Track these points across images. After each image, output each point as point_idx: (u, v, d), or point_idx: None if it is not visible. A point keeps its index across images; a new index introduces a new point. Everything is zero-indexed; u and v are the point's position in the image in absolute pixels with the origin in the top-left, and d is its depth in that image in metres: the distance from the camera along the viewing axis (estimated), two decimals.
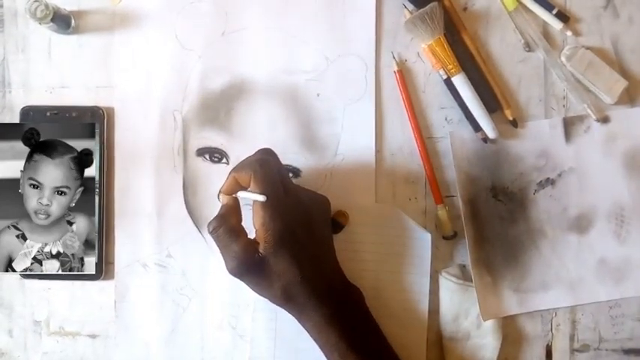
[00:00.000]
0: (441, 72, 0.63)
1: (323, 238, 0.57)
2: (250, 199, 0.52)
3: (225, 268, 0.53)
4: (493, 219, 0.63)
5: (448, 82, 0.63)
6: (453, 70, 0.62)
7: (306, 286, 0.53)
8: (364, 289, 0.59)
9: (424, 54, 0.63)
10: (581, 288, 0.63)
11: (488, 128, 0.62)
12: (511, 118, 0.63)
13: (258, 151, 0.57)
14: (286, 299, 0.54)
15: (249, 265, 0.52)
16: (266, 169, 0.53)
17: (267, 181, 0.52)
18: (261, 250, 0.52)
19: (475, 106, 0.62)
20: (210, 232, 0.54)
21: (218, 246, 0.54)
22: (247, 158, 0.55)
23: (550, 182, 0.63)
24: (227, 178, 0.54)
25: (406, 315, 0.62)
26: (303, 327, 0.55)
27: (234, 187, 0.54)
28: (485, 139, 0.63)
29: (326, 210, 0.58)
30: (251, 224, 0.53)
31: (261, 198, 0.51)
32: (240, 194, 0.54)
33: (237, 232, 0.54)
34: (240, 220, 0.55)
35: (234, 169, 0.54)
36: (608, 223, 0.63)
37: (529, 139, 0.63)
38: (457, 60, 0.62)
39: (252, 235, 0.54)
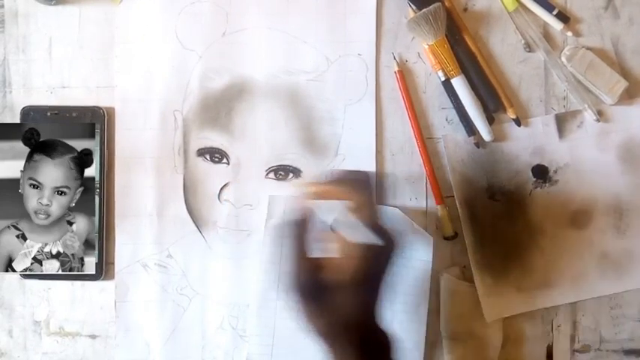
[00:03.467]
0: (440, 73, 0.63)
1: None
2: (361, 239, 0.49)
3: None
4: (491, 219, 0.63)
5: (446, 84, 0.63)
6: (452, 72, 0.62)
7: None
8: None
9: (425, 54, 0.63)
10: (583, 283, 0.63)
11: (485, 131, 0.62)
12: (514, 117, 0.63)
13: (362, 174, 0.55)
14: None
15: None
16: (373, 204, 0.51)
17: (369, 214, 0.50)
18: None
19: (472, 109, 0.62)
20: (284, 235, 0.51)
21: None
22: (357, 176, 0.54)
23: (547, 179, 0.63)
24: (320, 183, 0.52)
25: (406, 317, 0.62)
26: None
27: (326, 196, 0.51)
28: (478, 144, 0.63)
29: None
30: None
31: (379, 242, 0.49)
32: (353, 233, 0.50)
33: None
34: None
35: (338, 181, 0.52)
36: (607, 217, 0.63)
37: (523, 137, 0.63)
38: (458, 61, 0.62)
39: None
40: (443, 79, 0.62)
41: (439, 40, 0.61)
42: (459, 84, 0.62)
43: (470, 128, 0.63)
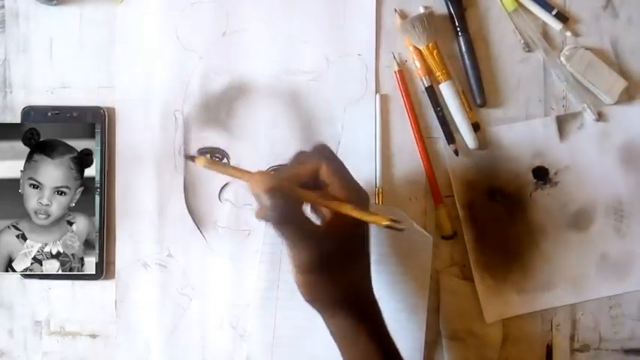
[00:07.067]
0: (425, 79, 0.63)
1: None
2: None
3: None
4: (492, 221, 0.63)
5: (430, 90, 0.63)
6: (441, 77, 0.62)
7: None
8: None
9: (413, 58, 0.63)
10: (584, 285, 0.63)
11: (469, 138, 0.62)
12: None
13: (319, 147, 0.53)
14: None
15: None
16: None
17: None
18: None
19: (458, 115, 0.62)
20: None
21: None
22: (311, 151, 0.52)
23: (547, 181, 0.63)
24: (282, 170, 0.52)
25: (405, 316, 0.62)
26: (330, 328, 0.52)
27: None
28: (457, 152, 0.63)
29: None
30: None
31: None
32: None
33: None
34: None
35: (298, 160, 0.51)
36: (607, 219, 0.63)
37: (523, 139, 0.63)
38: (445, 68, 0.62)
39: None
40: (427, 85, 0.63)
41: (427, 46, 0.62)
42: (447, 89, 0.62)
43: (450, 136, 0.63)
